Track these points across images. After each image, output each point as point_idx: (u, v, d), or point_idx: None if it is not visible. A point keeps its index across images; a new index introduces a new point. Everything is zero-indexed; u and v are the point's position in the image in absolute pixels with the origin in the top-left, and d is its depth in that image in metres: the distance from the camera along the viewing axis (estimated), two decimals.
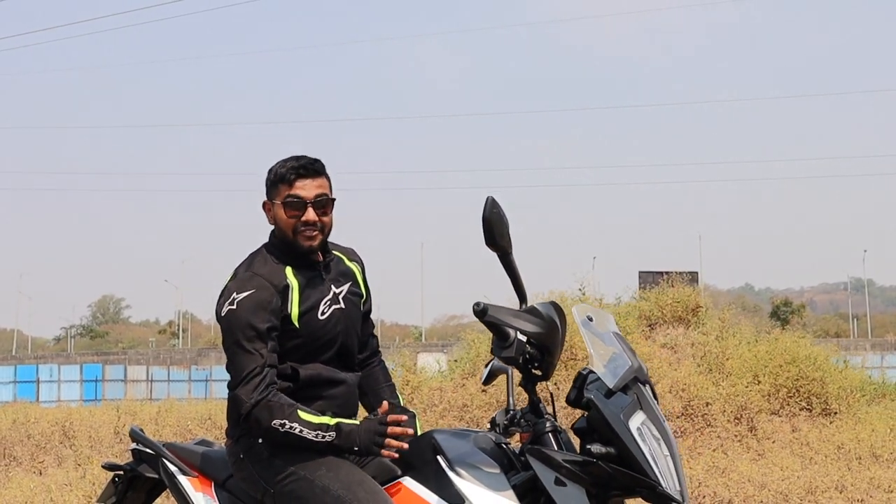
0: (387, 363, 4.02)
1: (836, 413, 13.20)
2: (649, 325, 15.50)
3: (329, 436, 3.33)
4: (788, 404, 13.18)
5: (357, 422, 3.39)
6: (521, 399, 3.67)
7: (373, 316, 3.89)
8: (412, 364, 15.02)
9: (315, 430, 3.32)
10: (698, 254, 76.22)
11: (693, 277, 24.32)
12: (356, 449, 3.34)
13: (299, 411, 3.35)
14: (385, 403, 3.44)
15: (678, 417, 11.99)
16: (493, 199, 3.24)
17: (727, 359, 13.76)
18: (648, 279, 23.05)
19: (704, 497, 8.34)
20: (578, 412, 3.29)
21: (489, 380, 3.59)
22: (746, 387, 12.68)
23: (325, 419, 3.36)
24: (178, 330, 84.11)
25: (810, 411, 13.18)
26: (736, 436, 11.64)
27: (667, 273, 18.76)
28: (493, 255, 3.30)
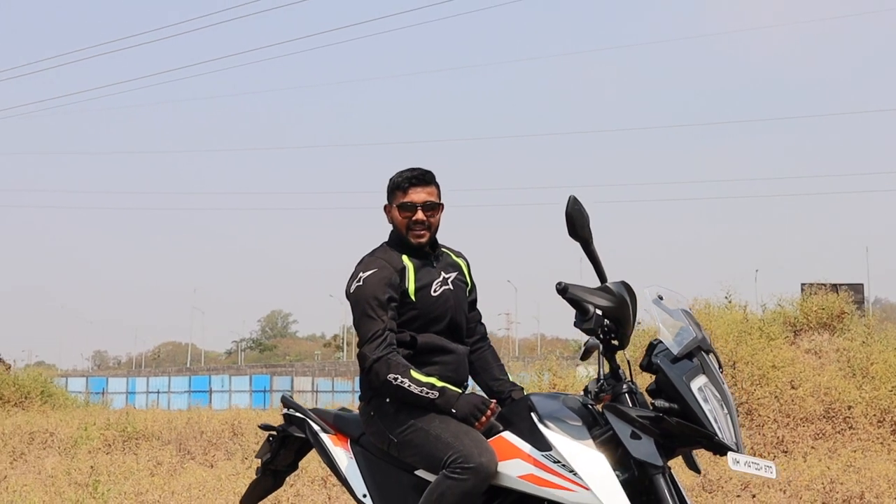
0: (538, 373, 4.70)
1: None
2: (794, 332, 15.58)
3: (433, 394, 4.01)
4: None
5: (460, 391, 4.09)
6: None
7: (534, 330, 4.59)
8: (560, 370, 15.48)
9: (421, 387, 4.01)
10: (865, 266, 73.67)
11: (856, 289, 24.00)
12: (453, 412, 4.01)
13: (412, 371, 4.04)
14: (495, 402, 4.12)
15: (819, 419, 12.11)
16: (575, 198, 3.86)
17: (871, 364, 13.72)
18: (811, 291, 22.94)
19: (836, 493, 8.52)
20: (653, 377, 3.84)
21: (585, 356, 4.12)
22: (891, 391, 12.66)
23: (433, 380, 4.06)
24: (343, 343, 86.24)
25: None
26: (878, 438, 11.67)
27: (832, 285, 18.71)
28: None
